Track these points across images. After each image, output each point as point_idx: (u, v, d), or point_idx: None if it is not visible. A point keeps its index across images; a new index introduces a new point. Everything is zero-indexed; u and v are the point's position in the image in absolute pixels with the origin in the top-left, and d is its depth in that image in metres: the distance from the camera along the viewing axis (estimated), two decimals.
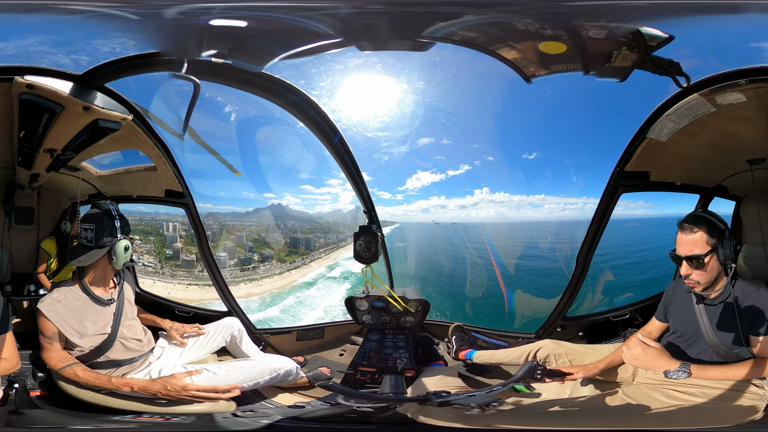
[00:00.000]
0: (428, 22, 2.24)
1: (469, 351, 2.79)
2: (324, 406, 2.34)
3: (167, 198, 2.83)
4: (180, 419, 2.11)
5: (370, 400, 2.31)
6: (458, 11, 2.23)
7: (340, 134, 2.68)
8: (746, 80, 2.04)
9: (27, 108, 2.20)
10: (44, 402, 2.23)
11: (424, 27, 2.26)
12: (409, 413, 2.13)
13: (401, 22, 2.30)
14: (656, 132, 2.38)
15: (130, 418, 2.11)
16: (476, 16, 2.25)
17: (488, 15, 2.26)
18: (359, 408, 2.19)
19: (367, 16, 2.27)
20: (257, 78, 2.35)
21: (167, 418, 2.11)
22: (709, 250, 2.04)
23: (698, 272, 2.06)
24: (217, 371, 2.28)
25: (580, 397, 2.30)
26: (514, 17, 2.25)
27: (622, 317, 2.83)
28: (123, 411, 2.13)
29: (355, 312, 3.07)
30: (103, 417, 2.10)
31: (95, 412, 2.13)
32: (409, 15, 2.28)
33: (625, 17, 2.17)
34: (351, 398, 2.31)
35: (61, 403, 2.19)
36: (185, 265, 3.52)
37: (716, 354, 2.10)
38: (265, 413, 2.27)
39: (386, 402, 2.27)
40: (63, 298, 2.21)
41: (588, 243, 2.76)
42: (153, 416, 2.12)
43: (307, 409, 2.35)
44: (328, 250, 4.35)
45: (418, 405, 2.15)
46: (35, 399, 2.23)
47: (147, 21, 2.20)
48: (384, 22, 2.30)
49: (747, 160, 2.41)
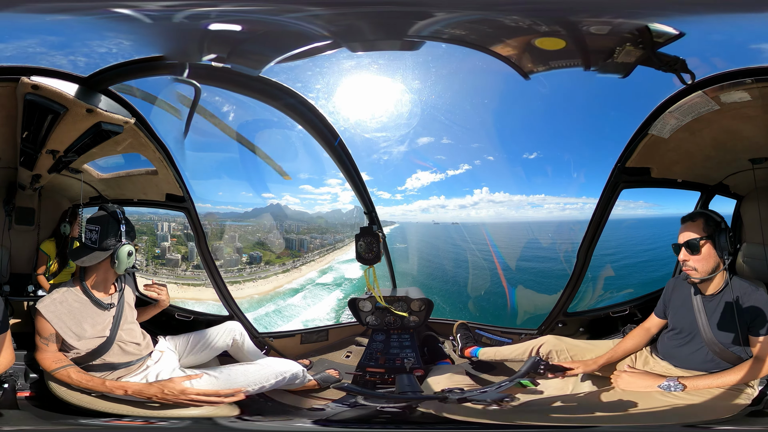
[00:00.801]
0: (425, 20, 2.23)
1: (474, 348, 2.81)
2: (343, 408, 2.33)
3: (168, 202, 2.82)
4: (168, 423, 2.10)
5: (389, 400, 2.30)
6: (456, 8, 2.22)
7: (339, 138, 2.68)
8: (752, 79, 2.05)
9: (31, 109, 2.19)
10: (29, 403, 2.19)
11: (420, 26, 2.25)
12: (433, 410, 2.15)
13: (397, 21, 2.29)
14: (659, 128, 2.38)
15: (121, 422, 2.09)
16: (476, 13, 2.24)
17: (487, 12, 2.25)
18: (383, 408, 2.19)
19: (361, 17, 2.26)
20: (255, 82, 2.35)
21: (152, 422, 2.09)
22: (705, 236, 2.13)
23: (695, 258, 2.14)
24: (218, 375, 2.25)
25: (581, 392, 2.33)
26: (514, 14, 2.24)
27: (622, 313, 2.85)
28: (113, 414, 2.10)
29: (358, 313, 3.07)
30: (90, 420, 2.08)
31: (85, 415, 2.11)
32: (405, 14, 2.27)
33: (632, 13, 2.16)
34: (371, 399, 2.30)
35: (46, 404, 2.16)
36: (170, 264, 3.47)
37: (712, 352, 2.13)
38: (280, 416, 2.26)
39: (407, 401, 2.27)
40: (62, 299, 2.18)
41: (588, 239, 2.78)
42: (147, 420, 2.10)
43: (328, 412, 2.34)
44: (323, 252, 4.23)
45: (437, 403, 2.17)
46: (22, 400, 2.19)
47: (149, 25, 2.19)
48: (379, 22, 2.30)
49: (749, 159, 2.43)
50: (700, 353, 2.16)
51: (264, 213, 3.59)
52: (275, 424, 2.16)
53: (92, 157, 2.63)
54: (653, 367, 2.30)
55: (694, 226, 2.15)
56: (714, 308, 2.15)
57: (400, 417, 2.18)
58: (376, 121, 2.73)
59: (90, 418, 2.09)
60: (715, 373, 2.09)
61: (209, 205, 3.03)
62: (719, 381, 2.05)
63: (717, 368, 2.11)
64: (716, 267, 2.15)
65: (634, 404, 2.08)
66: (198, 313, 3.01)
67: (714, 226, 2.14)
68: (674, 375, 2.15)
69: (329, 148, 2.75)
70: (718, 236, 2.12)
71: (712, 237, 2.13)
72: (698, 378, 2.09)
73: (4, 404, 2.11)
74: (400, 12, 2.26)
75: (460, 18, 2.24)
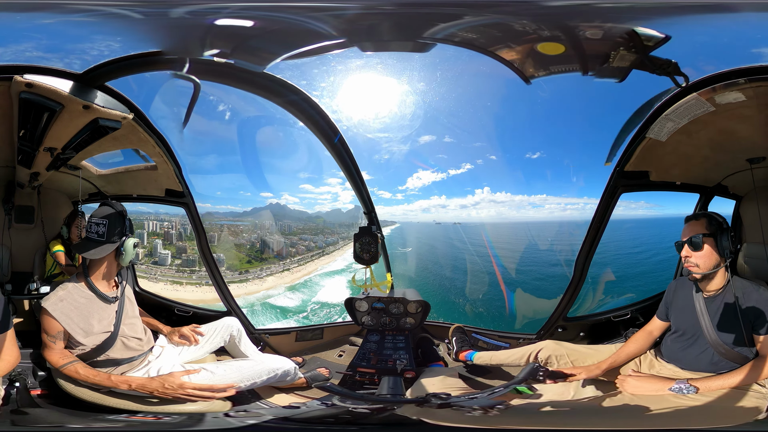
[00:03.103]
0: (431, 23, 2.26)
1: (469, 352, 2.79)
2: (320, 407, 2.32)
3: (167, 197, 2.83)
4: (171, 419, 2.10)
5: (366, 402, 2.28)
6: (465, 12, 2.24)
7: (340, 134, 2.69)
8: (745, 79, 2.05)
9: (26, 107, 2.21)
10: (44, 401, 2.22)
11: (426, 28, 2.27)
12: (410, 414, 2.12)
13: (403, 23, 2.31)
14: (656, 131, 2.39)
15: (126, 417, 2.10)
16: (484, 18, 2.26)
17: (491, 16, 2.27)
18: (355, 409, 2.17)
19: (369, 18, 2.29)
20: (259, 78, 2.37)
21: (159, 417, 2.11)
22: (708, 233, 2.16)
23: (697, 254, 2.16)
24: (215, 371, 2.28)
25: (583, 398, 2.29)
26: (514, 18, 2.26)
27: (623, 317, 2.82)
28: (120, 410, 2.12)
29: (354, 313, 3.05)
30: (100, 416, 2.10)
31: (93, 410, 2.13)
32: (412, 16, 2.29)
33: (624, 18, 2.19)
34: (347, 399, 2.30)
35: (60, 401, 2.18)
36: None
37: (717, 353, 2.11)
38: (260, 413, 2.26)
39: (383, 403, 2.25)
40: (68, 296, 2.21)
41: (588, 243, 2.76)
42: (147, 415, 2.12)
43: (302, 410, 2.33)
44: (306, 259, 3.80)
45: (419, 406, 2.14)
46: (36, 398, 2.22)
47: (148, 20, 2.22)
48: (386, 23, 2.32)
49: (747, 159, 2.42)
50: (707, 354, 2.14)
51: (263, 211, 3.57)
52: (259, 420, 2.14)
53: (91, 154, 2.65)
54: (659, 370, 2.27)
55: (698, 225, 2.19)
56: (716, 309, 2.13)
57: (377, 420, 2.15)
58: (379, 121, 2.74)
59: (102, 414, 2.11)
60: (724, 374, 2.06)
61: (209, 205, 3.04)
62: (730, 381, 2.02)
63: (724, 369, 2.08)
64: (717, 264, 2.16)
65: (643, 409, 2.04)
66: (197, 309, 3.02)
67: (716, 225, 2.18)
68: (682, 377, 2.12)
69: (330, 146, 2.76)
70: (720, 235, 2.16)
71: (714, 235, 2.16)
72: (709, 379, 2.06)
73: (23, 403, 2.14)
74: (413, 14, 2.29)
75: (470, 23, 2.26)
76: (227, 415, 2.17)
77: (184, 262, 3.52)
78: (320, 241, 3.94)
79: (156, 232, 3.33)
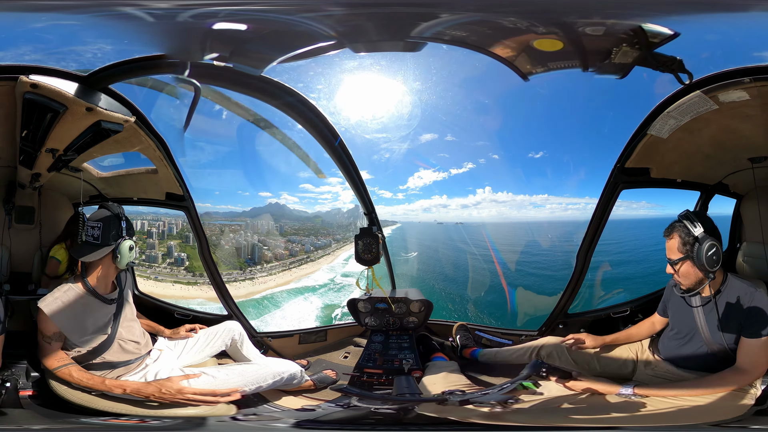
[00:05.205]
0: (427, 21, 2.25)
1: (474, 349, 2.81)
2: (336, 409, 2.32)
3: (168, 201, 2.82)
4: (161, 422, 2.09)
5: (384, 402, 2.28)
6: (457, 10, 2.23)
7: (340, 138, 2.68)
8: (750, 78, 2.05)
9: (30, 107, 2.20)
10: (33, 402, 2.19)
11: (422, 27, 2.26)
12: (427, 412, 2.13)
13: (399, 22, 2.31)
14: (657, 128, 2.39)
15: (116, 420, 2.09)
16: (476, 15, 2.25)
17: (487, 13, 2.26)
18: (376, 409, 2.17)
19: (363, 17, 2.28)
20: (257, 81, 2.36)
21: (145, 420, 2.09)
22: (681, 257, 2.11)
23: (677, 274, 2.15)
24: (216, 375, 2.26)
25: (583, 394, 2.31)
26: (512, 15, 2.25)
27: (623, 313, 2.84)
28: (113, 413, 2.11)
29: (357, 314, 3.05)
30: (86, 419, 2.08)
31: (85, 414, 2.11)
32: (408, 15, 2.28)
33: (629, 14, 2.18)
34: (366, 400, 2.28)
35: (50, 403, 2.16)
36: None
37: (712, 351, 2.13)
38: (273, 416, 2.25)
39: (402, 403, 2.24)
40: (65, 297, 2.19)
41: (588, 240, 2.77)
42: (141, 419, 2.10)
43: (319, 412, 2.32)
44: (296, 262, 3.38)
45: (440, 404, 2.15)
46: (25, 399, 2.19)
47: (151, 24, 2.20)
48: (381, 23, 2.31)
49: (749, 158, 2.43)
50: (701, 354, 2.16)
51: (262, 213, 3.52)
52: (270, 424, 2.14)
53: (92, 156, 2.63)
54: (655, 367, 2.31)
55: (672, 245, 2.13)
56: (711, 308, 2.13)
57: (396, 418, 2.15)
58: (378, 121, 2.74)
59: (91, 417, 2.10)
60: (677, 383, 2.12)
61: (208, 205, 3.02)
62: (673, 392, 2.05)
63: (718, 369, 2.09)
64: (701, 280, 2.12)
65: (639, 405, 2.07)
66: (198, 312, 3.01)
67: (691, 243, 2.08)
68: (677, 377, 2.17)
69: (329, 148, 2.75)
70: (697, 253, 2.07)
71: (689, 256, 2.09)
72: (651, 389, 2.08)
73: (7, 403, 2.12)
74: (404, 13, 2.28)
75: (461, 20, 2.25)
76: (234, 419, 2.16)
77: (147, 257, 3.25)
78: (308, 244, 3.63)
79: (172, 234, 3.23)
